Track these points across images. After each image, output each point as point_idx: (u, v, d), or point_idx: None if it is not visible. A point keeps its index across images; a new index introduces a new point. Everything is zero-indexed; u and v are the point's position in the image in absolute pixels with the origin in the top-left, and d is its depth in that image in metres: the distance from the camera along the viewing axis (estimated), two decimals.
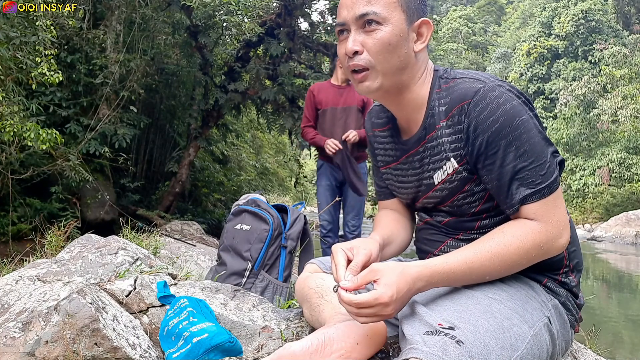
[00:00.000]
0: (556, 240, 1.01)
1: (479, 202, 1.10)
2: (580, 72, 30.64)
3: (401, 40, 1.05)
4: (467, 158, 1.06)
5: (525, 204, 1.00)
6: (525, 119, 1.00)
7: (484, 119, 1.01)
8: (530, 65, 34.03)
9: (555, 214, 1.00)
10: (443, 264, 0.98)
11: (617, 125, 24.18)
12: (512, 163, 1.00)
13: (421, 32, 1.09)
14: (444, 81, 1.10)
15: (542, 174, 1.00)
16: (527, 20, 42.28)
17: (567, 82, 29.99)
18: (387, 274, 0.93)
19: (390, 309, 0.92)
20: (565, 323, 1.09)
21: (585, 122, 25.07)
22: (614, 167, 22.92)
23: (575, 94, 26.13)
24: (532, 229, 1.00)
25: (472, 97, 1.02)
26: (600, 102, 24.73)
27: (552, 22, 33.91)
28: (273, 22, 7.80)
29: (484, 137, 1.01)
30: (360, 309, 0.92)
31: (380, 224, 1.28)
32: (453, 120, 1.06)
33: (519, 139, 0.99)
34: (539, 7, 37.97)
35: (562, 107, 27.51)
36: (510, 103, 1.00)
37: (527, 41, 34.89)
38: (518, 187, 1.00)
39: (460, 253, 1.00)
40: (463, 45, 46.31)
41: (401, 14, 1.05)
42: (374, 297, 0.91)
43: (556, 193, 1.01)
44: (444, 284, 0.99)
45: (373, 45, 1.04)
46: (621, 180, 22.47)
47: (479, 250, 0.99)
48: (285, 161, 16.59)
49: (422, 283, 0.96)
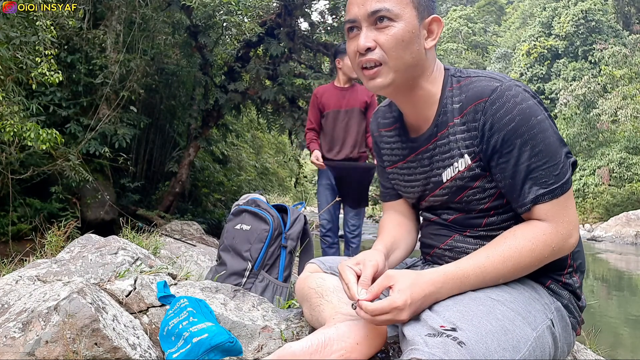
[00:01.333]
0: (567, 240, 1.01)
1: (488, 199, 1.10)
2: (580, 72, 30.66)
3: (413, 37, 1.05)
4: (480, 155, 1.06)
5: (538, 203, 1.01)
6: (542, 118, 1.01)
7: (500, 117, 1.01)
8: (530, 65, 34.05)
9: (566, 214, 1.01)
10: (456, 269, 0.99)
11: (617, 125, 24.18)
12: (527, 162, 1.00)
13: (432, 29, 1.09)
14: (457, 79, 1.11)
15: (556, 174, 1.00)
16: (527, 20, 42.30)
17: (567, 82, 30.00)
18: (401, 280, 0.95)
19: (406, 314, 0.93)
20: (567, 325, 1.09)
21: (585, 122, 25.07)
22: (614, 167, 22.92)
23: (575, 94, 26.14)
24: (543, 230, 1.00)
25: (489, 95, 1.03)
26: (600, 102, 24.73)
27: (552, 22, 33.93)
28: (273, 22, 7.80)
29: (499, 135, 1.02)
30: (375, 317, 0.93)
31: (384, 231, 1.29)
32: (468, 117, 1.06)
33: (534, 138, 1.00)
34: (539, 7, 37.98)
35: (562, 107, 27.51)
36: (526, 103, 1.01)
37: (527, 41, 34.91)
38: (531, 187, 1.01)
39: (473, 258, 1.01)
40: (463, 45, 46.32)
41: (412, 10, 1.06)
42: (389, 302, 0.92)
43: (568, 193, 1.02)
44: (458, 289, 0.99)
45: (386, 42, 1.04)
46: (621, 180, 22.47)
47: (491, 254, 1.00)
48: (285, 161, 16.59)
49: (435, 288, 0.96)
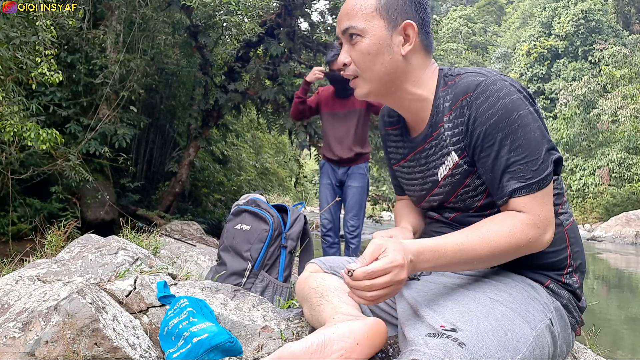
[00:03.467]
0: (542, 235, 1.02)
1: (481, 197, 1.11)
2: (580, 72, 30.67)
3: (382, 48, 1.10)
4: (467, 150, 1.08)
5: (514, 196, 1.02)
6: (524, 113, 1.01)
7: (483, 112, 1.03)
8: (530, 65, 34.06)
9: (542, 209, 1.02)
10: (435, 244, 0.99)
11: (617, 125, 24.17)
12: (506, 156, 1.02)
13: (407, 35, 1.12)
14: (450, 78, 1.13)
15: (534, 170, 1.01)
16: (527, 20, 42.31)
17: (567, 82, 30.00)
18: (391, 244, 0.94)
19: (405, 273, 0.92)
20: (566, 325, 1.08)
21: (585, 122, 25.06)
22: (614, 167, 22.92)
23: (575, 94, 26.13)
24: (521, 220, 1.01)
25: (474, 89, 1.05)
26: (600, 102, 24.73)
27: (552, 22, 33.94)
28: (273, 22, 7.79)
29: (481, 129, 1.03)
30: (374, 280, 0.90)
31: (405, 213, 1.35)
32: (456, 113, 1.08)
33: (514, 133, 1.01)
34: (539, 7, 37.99)
35: (562, 107, 27.51)
36: (510, 97, 1.02)
37: (527, 41, 34.92)
38: (509, 180, 1.02)
39: (452, 236, 1.02)
40: (463, 45, 46.32)
41: (380, 21, 1.10)
42: (388, 260, 0.90)
43: (546, 190, 1.02)
44: (434, 263, 0.98)
45: (355, 57, 1.13)
46: (621, 180, 22.47)
47: (469, 235, 1.01)
48: (285, 161, 16.57)
49: (415, 257, 0.95)
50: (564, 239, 1.11)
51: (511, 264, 1.09)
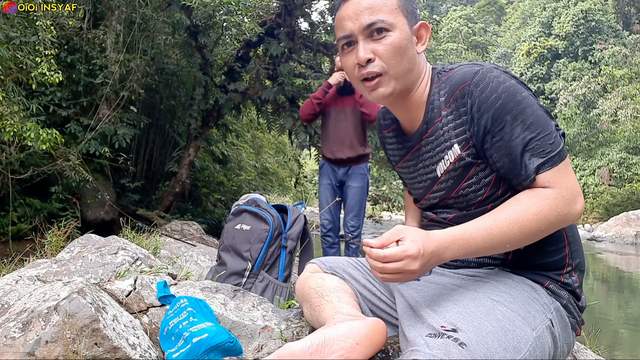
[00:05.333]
0: (572, 206, 1.01)
1: (485, 189, 1.10)
2: (580, 72, 30.68)
3: (408, 43, 1.09)
4: (472, 140, 1.07)
5: (540, 172, 1.01)
6: (526, 95, 1.03)
7: (486, 97, 1.03)
8: (530, 65, 34.06)
9: (568, 180, 1.01)
10: (463, 231, 0.98)
11: (617, 125, 24.18)
12: (521, 135, 1.01)
13: (420, 35, 1.14)
14: (443, 74, 1.14)
15: (551, 143, 1.01)
16: (527, 20, 42.32)
17: (567, 82, 30.03)
18: (412, 233, 0.94)
19: (417, 265, 0.92)
20: (566, 325, 1.08)
21: (585, 122, 25.07)
22: (614, 167, 22.92)
23: (575, 94, 26.15)
24: (547, 195, 1.00)
25: (472, 78, 1.05)
26: (600, 102, 24.73)
27: (552, 22, 33.95)
28: (273, 22, 7.79)
29: (488, 114, 1.03)
30: (385, 264, 0.92)
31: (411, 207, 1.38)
32: (455, 104, 1.09)
33: (523, 112, 1.01)
34: (539, 7, 38.00)
35: (562, 107, 27.53)
36: (509, 81, 1.04)
37: (527, 41, 34.93)
38: (530, 158, 1.01)
39: (479, 221, 1.00)
40: (463, 45, 46.28)
41: (403, 18, 1.10)
42: (402, 249, 0.91)
43: (566, 161, 1.02)
44: (464, 252, 0.98)
45: (385, 51, 1.08)
46: (621, 180, 22.47)
47: (497, 218, 0.99)
48: (285, 161, 16.57)
49: (442, 248, 0.95)
50: (562, 237, 1.11)
51: (511, 264, 1.09)
